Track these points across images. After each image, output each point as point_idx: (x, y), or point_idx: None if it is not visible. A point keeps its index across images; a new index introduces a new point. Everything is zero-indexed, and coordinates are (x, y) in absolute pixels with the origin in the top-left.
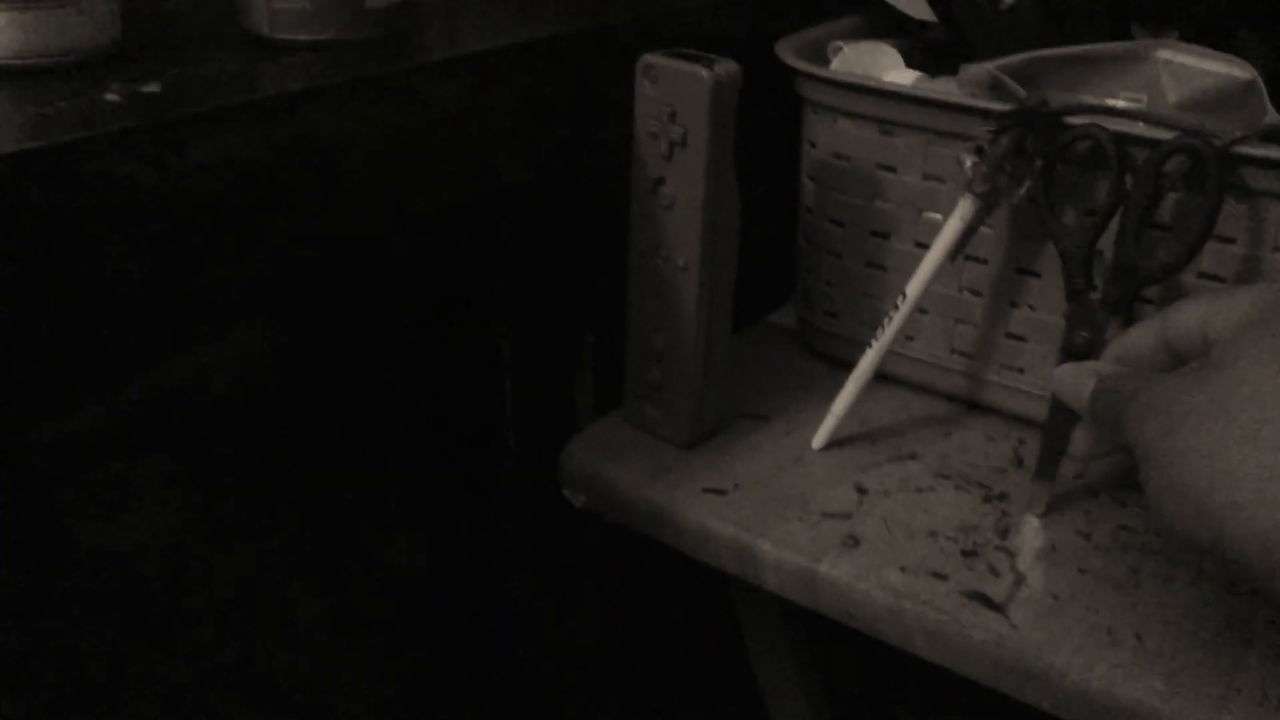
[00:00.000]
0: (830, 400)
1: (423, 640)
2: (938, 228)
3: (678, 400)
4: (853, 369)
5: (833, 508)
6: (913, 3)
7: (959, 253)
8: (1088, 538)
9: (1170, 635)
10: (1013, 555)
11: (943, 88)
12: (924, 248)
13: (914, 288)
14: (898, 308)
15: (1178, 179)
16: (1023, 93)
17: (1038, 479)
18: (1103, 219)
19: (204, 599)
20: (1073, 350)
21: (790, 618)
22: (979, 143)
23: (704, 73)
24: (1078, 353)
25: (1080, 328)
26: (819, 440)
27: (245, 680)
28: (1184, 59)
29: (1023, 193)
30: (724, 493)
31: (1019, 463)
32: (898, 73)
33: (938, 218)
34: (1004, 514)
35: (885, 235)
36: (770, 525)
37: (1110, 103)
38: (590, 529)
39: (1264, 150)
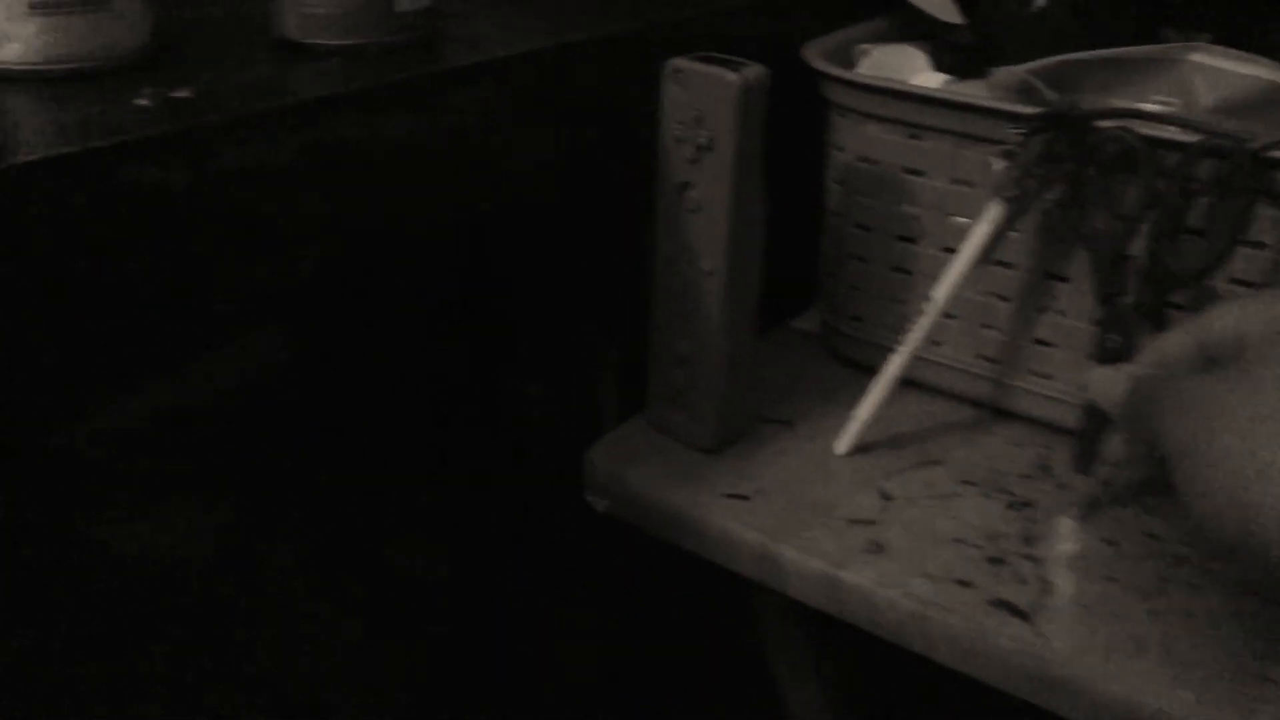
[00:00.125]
0: (854, 406)
1: (441, 646)
2: (965, 232)
3: (701, 405)
4: (877, 374)
5: (857, 514)
6: (940, 5)
7: (987, 257)
8: (1115, 546)
9: (1198, 644)
10: (1039, 563)
11: (971, 91)
12: (951, 252)
13: (941, 292)
14: (924, 312)
15: (1209, 183)
16: (1053, 96)
17: (1077, 471)
18: (1134, 223)
19: (220, 602)
20: (1105, 354)
21: (812, 625)
22: (1008, 146)
23: (731, 76)
24: (1110, 357)
25: (1112, 332)
26: (843, 446)
27: (259, 683)
28: (1216, 62)
29: (1052, 197)
30: (747, 498)
31: (1046, 470)
32: (925, 76)
33: (965, 222)
34: (1030, 521)
35: (912, 240)
36: (793, 531)
37: (1141, 106)
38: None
39: None
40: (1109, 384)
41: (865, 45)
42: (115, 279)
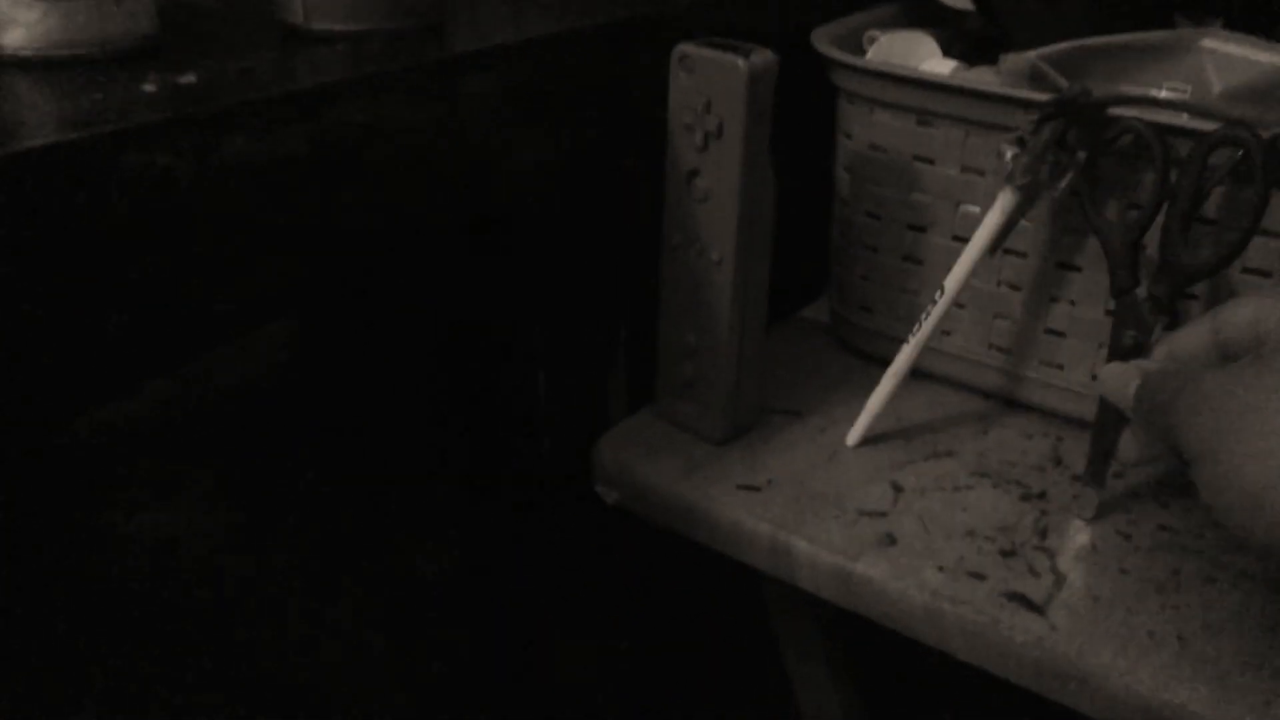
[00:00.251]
0: (865, 396)
1: (445, 644)
2: (976, 221)
3: (711, 396)
4: (888, 365)
5: (869, 506)
6: None
7: (998, 246)
8: (1128, 538)
9: (1213, 638)
10: (1052, 555)
11: (981, 77)
12: (962, 241)
13: (952, 282)
14: (935, 302)
15: (1223, 172)
16: (1064, 83)
17: (1089, 484)
18: (1148, 214)
19: (231, 597)
20: (1120, 350)
21: (825, 618)
22: (1020, 134)
23: (740, 62)
24: (1125, 352)
25: (1127, 326)
26: (854, 437)
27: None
28: (1228, 48)
29: (1064, 185)
30: (758, 489)
31: (1058, 461)
32: (935, 62)
33: (976, 210)
34: (1043, 513)
35: (922, 229)
36: (805, 523)
37: (1153, 94)
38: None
39: None
40: (1122, 379)
41: (874, 31)
42: (121, 268)
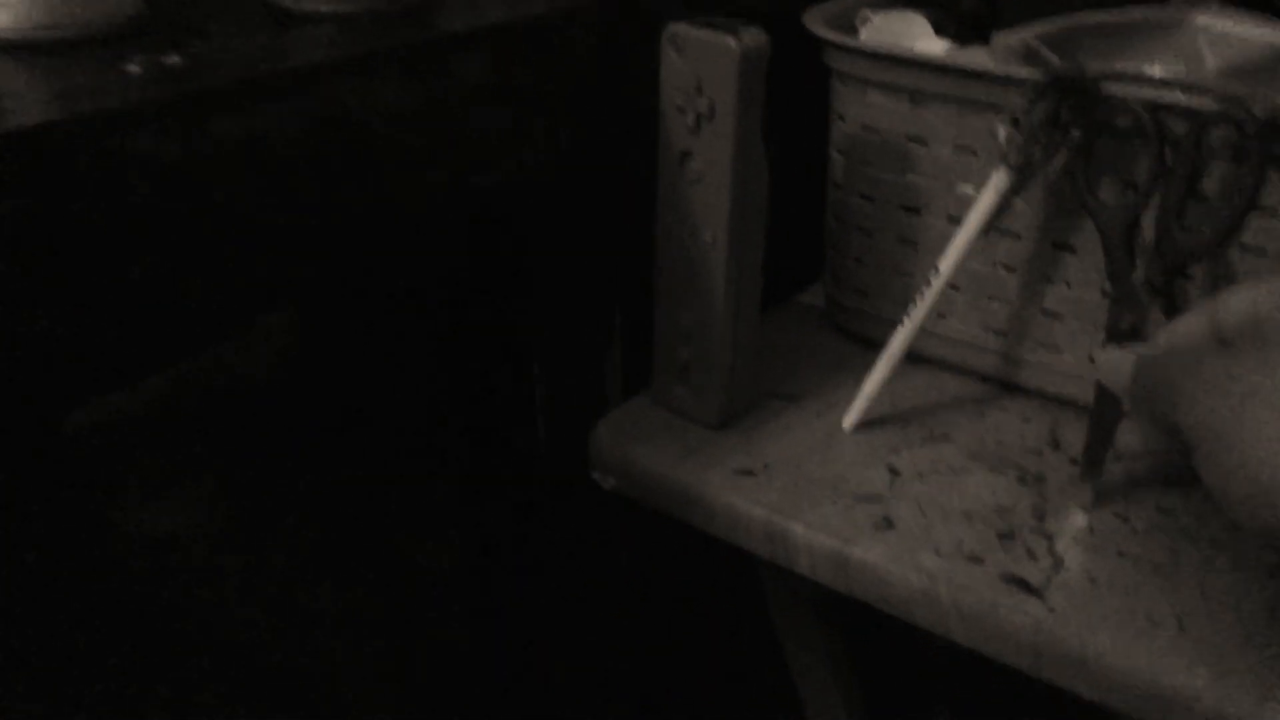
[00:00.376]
0: (861, 380)
1: (451, 636)
2: (970, 202)
3: (707, 380)
4: (883, 348)
5: (865, 489)
6: None
7: (993, 227)
8: (1126, 520)
9: (1212, 620)
10: (1050, 539)
11: (975, 57)
12: (956, 222)
13: (946, 264)
14: (929, 284)
15: (1219, 151)
16: (1057, 61)
17: (1085, 475)
18: (1144, 195)
19: (231, 595)
20: (1117, 333)
21: (824, 605)
22: (1013, 113)
23: (732, 42)
24: (1122, 336)
25: (1124, 310)
26: (850, 421)
27: (266, 673)
28: (1222, 25)
29: (1058, 165)
30: (754, 474)
31: (1055, 444)
32: (928, 42)
33: (970, 191)
34: (1040, 496)
35: (916, 210)
36: (802, 507)
37: (1148, 71)
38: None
39: None
40: (1119, 365)
41: (867, 11)
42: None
